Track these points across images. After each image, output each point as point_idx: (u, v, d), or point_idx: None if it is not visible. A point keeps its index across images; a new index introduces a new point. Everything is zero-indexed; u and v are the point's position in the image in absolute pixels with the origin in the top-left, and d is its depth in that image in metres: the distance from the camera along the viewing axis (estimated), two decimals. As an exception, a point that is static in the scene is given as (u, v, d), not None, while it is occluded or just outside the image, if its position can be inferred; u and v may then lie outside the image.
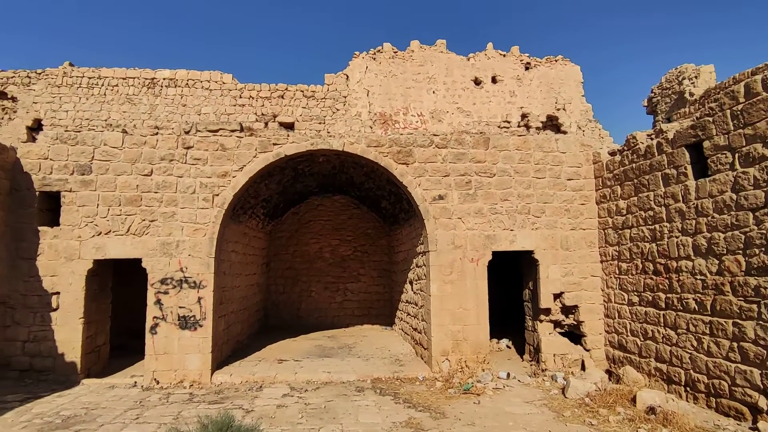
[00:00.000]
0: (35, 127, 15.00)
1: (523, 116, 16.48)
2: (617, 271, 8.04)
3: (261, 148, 8.44)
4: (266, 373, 8.13)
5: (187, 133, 8.33)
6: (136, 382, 7.72)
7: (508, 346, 10.57)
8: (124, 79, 15.62)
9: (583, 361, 8.27)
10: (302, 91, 16.17)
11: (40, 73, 15.49)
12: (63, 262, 7.86)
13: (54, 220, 8.04)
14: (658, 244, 6.96)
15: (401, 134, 8.80)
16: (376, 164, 8.79)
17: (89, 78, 15.55)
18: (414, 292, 10.21)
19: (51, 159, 8.04)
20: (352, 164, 10.37)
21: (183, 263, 8.02)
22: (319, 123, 15.82)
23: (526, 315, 9.20)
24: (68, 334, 7.76)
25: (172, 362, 7.80)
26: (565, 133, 15.72)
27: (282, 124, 15.60)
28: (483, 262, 8.51)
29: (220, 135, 8.39)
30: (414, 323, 10.10)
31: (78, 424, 5.75)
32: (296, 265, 14.54)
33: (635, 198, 7.56)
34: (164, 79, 15.74)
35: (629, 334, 7.67)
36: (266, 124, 15.24)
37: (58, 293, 7.81)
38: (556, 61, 17.49)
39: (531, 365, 8.74)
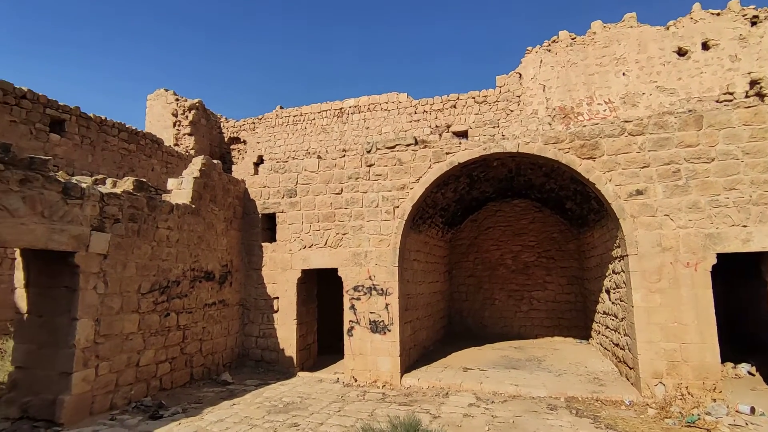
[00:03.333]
0: (258, 162, 18.51)
1: (753, 83, 13.09)
2: None
3: (434, 158, 8.65)
4: (452, 380, 8.17)
5: (368, 152, 9.10)
6: (338, 378, 8.66)
7: (750, 373, 8.36)
8: (318, 113, 18.11)
9: None
10: (473, 98, 16.10)
11: (260, 119, 19.15)
12: (280, 272, 9.39)
13: (272, 237, 9.70)
14: None
15: (584, 126, 7.93)
16: (556, 162, 8.10)
17: (294, 116, 18.52)
18: (612, 303, 8.98)
19: (268, 186, 9.76)
20: (530, 165, 9.79)
21: (371, 272, 8.72)
22: (493, 127, 15.48)
23: (776, 334, 7.15)
24: (286, 332, 9.21)
25: (366, 363, 8.51)
26: (823, 95, 11.91)
27: (455, 133, 15.82)
28: (704, 266, 6.96)
29: (397, 150, 8.92)
30: (614, 338, 8.86)
31: (295, 410, 6.71)
32: (477, 272, 14.36)
33: None
34: (350, 107, 17.67)
35: None
36: (440, 135, 15.67)
37: (277, 298, 9.36)
38: (800, 4, 13.46)
39: (789, 401, 6.71)
